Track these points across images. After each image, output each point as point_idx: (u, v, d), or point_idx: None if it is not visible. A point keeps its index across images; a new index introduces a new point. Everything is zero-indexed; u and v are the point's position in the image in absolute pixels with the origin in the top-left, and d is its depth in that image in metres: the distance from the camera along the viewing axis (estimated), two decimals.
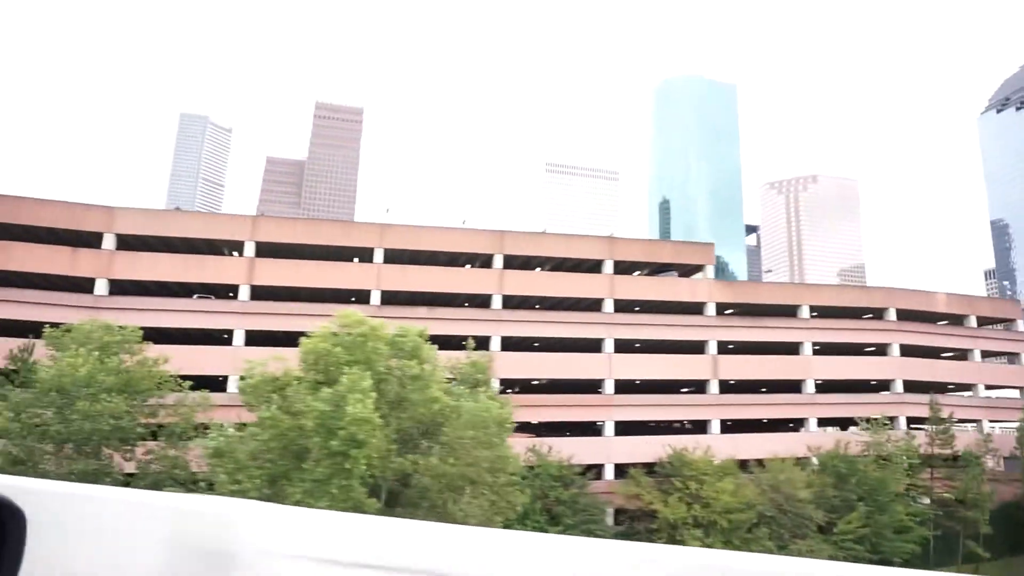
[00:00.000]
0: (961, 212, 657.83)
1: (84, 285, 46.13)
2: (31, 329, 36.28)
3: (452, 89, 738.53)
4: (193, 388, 31.56)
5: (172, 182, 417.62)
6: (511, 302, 51.47)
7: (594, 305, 52.93)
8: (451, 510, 26.38)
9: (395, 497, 28.36)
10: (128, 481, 29.94)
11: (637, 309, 53.82)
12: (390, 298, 49.41)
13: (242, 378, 29.04)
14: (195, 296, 47.91)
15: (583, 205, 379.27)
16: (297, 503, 24.30)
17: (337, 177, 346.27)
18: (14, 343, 37.78)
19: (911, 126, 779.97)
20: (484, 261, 52.32)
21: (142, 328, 31.66)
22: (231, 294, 48.75)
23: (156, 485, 28.93)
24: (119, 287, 45.89)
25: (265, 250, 47.98)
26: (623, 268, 54.87)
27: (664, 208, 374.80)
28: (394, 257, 50.15)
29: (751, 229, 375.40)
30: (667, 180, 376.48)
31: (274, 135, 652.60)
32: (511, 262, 51.83)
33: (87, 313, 40.36)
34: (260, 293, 47.42)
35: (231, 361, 41.22)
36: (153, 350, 33.18)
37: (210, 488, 27.90)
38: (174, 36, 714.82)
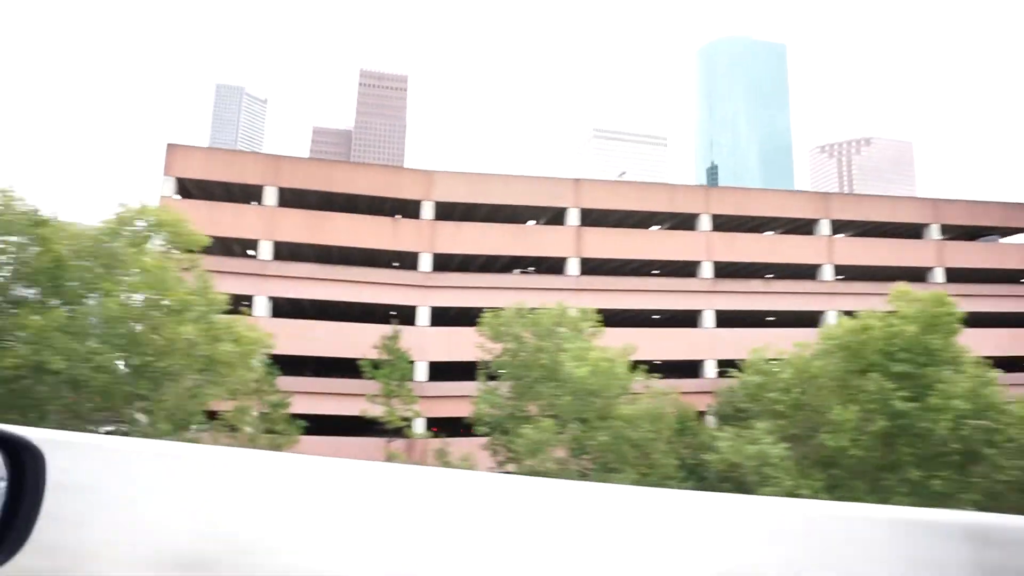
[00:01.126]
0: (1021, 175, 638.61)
1: (398, 259, 41.46)
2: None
3: (495, 56, 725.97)
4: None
5: None
6: None
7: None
8: None
9: None
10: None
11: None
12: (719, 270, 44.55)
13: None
14: (517, 271, 43.22)
15: (632, 171, 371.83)
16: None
17: (385, 145, 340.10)
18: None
19: (967, 84, 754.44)
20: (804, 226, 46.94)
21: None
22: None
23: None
24: (440, 262, 41.17)
25: (585, 218, 43.06)
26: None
27: (712, 173, 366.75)
28: (720, 224, 45.05)
29: None
30: (716, 144, 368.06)
31: (313, 105, 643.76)
32: None
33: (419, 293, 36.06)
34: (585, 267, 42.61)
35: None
36: (612, 335, 28.74)
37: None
38: (208, 7, 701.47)
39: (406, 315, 39.89)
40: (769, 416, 26.92)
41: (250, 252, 39.79)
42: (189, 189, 38.88)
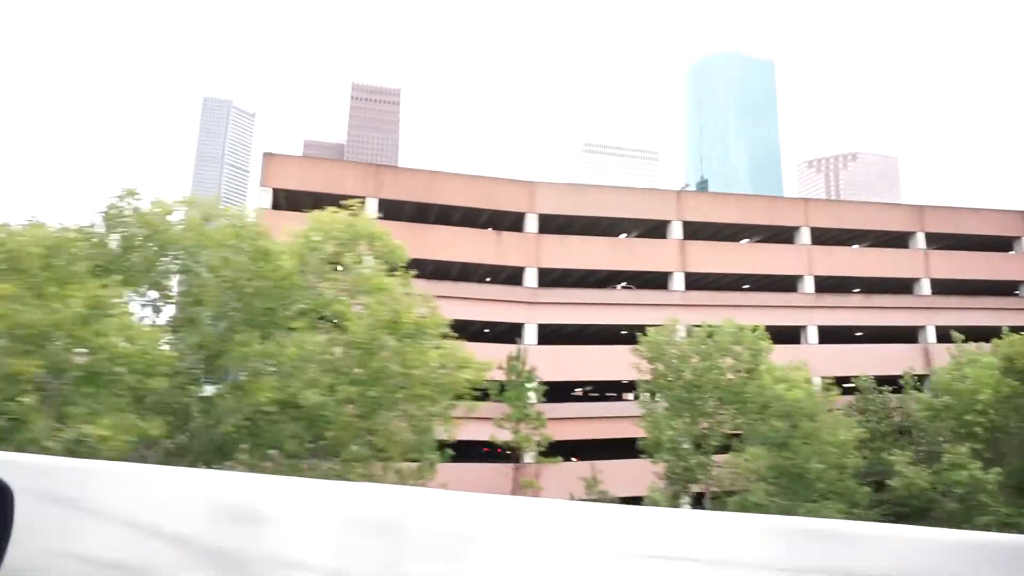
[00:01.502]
0: (1003, 188, 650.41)
1: (496, 274, 39.57)
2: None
3: (487, 71, 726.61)
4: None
5: (197, 167, 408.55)
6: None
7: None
8: None
9: None
10: None
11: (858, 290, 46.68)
12: (821, 284, 43.16)
13: None
14: (618, 286, 41.50)
15: (621, 185, 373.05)
16: None
17: (377, 159, 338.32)
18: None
19: (950, 100, 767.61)
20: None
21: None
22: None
23: None
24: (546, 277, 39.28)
25: (688, 231, 41.51)
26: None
27: (702, 187, 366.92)
28: (818, 237, 43.75)
29: None
30: (705, 159, 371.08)
31: (302, 118, 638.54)
32: None
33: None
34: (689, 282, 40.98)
35: None
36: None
37: None
38: (195, 22, 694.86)
39: (509, 333, 38.04)
40: (960, 439, 25.43)
41: None
42: (280, 201, 36.74)
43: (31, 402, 9.77)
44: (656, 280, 41.50)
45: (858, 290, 46.86)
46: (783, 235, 43.73)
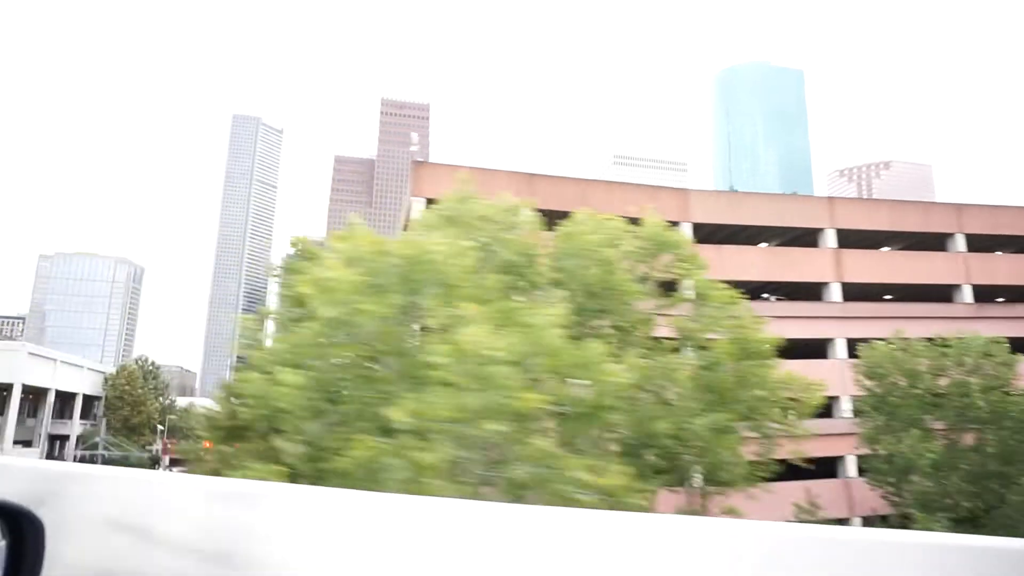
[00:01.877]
0: None
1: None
2: None
3: (512, 84, 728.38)
4: None
5: (227, 184, 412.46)
6: None
7: None
8: None
9: None
10: None
11: None
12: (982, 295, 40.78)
13: None
14: (772, 297, 39.45)
15: None
16: None
17: (407, 174, 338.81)
18: None
19: (981, 107, 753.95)
20: None
21: None
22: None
23: None
24: None
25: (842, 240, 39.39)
26: None
27: None
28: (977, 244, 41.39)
29: None
30: (734, 170, 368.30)
31: (329, 134, 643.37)
32: None
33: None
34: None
35: None
36: None
37: None
38: (222, 38, 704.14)
39: None
40: None
41: None
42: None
43: (546, 445, 7.85)
44: (805, 291, 39.38)
45: None
46: (932, 242, 41.48)
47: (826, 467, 30.40)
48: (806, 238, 39.77)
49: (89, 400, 77.18)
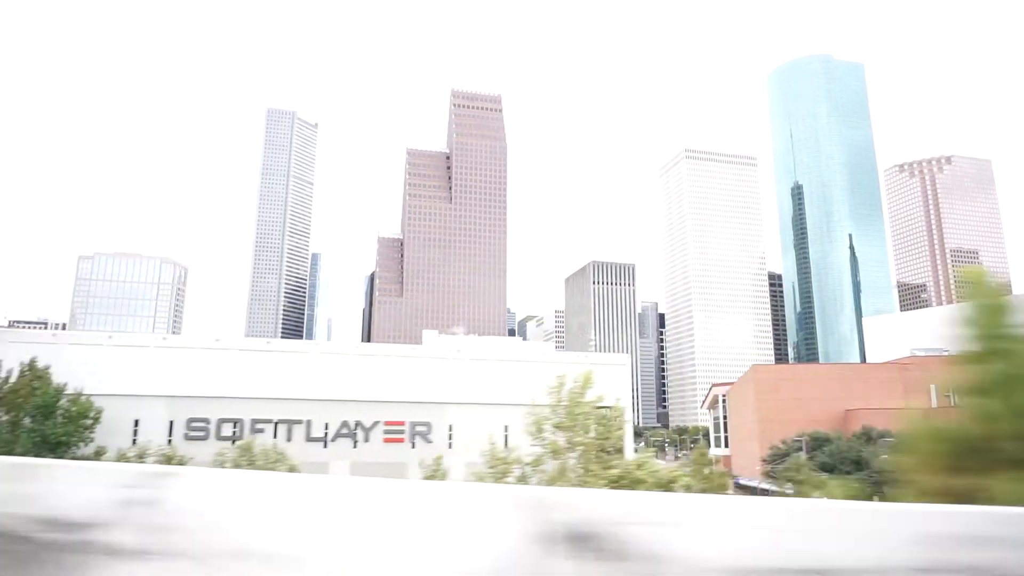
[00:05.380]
0: None
1: None
2: None
3: (580, 79, 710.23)
4: None
5: (263, 181, 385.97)
6: None
7: None
8: None
9: None
10: None
11: None
12: None
13: None
14: None
15: (726, 191, 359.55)
16: None
17: (485, 166, 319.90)
18: None
19: None
20: None
21: None
22: None
23: None
24: None
25: None
26: None
27: (796, 193, 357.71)
28: None
29: None
30: (799, 164, 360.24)
31: (364, 128, 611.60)
32: None
33: None
34: None
35: None
36: None
37: None
38: (256, 31, 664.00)
39: None
40: None
41: None
42: None
43: None
44: None
45: None
46: None
47: None
48: None
49: None
